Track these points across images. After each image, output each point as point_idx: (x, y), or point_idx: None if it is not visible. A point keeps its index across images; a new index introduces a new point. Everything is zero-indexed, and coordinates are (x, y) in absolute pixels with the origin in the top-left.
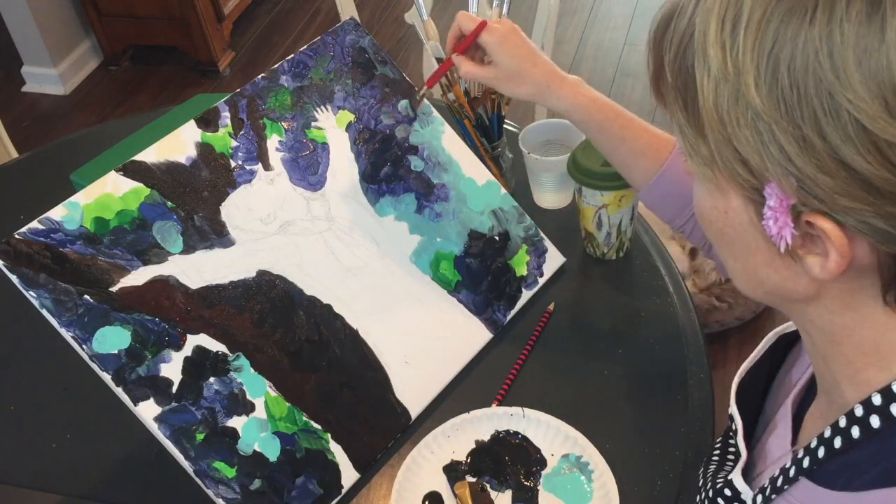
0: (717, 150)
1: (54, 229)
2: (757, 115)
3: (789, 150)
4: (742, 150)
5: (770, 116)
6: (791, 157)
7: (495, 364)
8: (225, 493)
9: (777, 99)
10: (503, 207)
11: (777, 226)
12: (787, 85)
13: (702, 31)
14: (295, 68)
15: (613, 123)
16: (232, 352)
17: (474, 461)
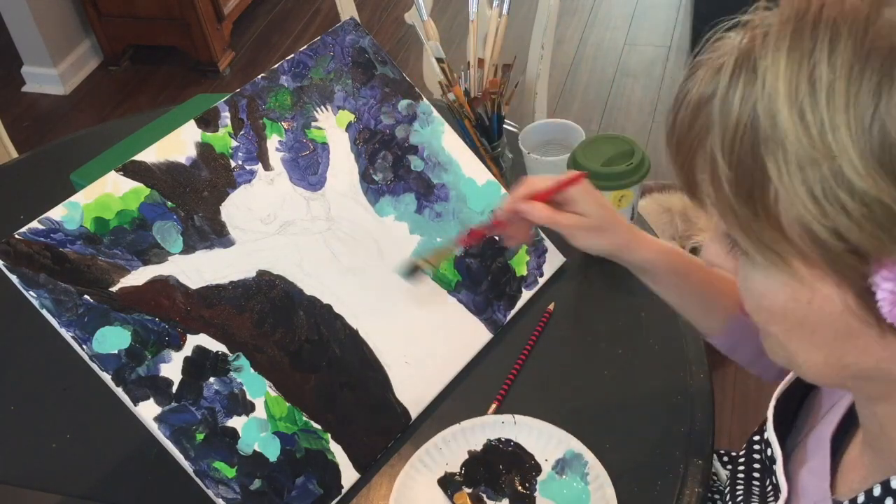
0: (808, 240)
1: (54, 229)
2: (869, 198)
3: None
4: (851, 237)
5: (889, 196)
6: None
7: (495, 364)
8: (225, 493)
9: (894, 176)
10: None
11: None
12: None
13: (767, 107)
14: (295, 68)
15: (692, 270)
16: (232, 352)
17: (468, 472)
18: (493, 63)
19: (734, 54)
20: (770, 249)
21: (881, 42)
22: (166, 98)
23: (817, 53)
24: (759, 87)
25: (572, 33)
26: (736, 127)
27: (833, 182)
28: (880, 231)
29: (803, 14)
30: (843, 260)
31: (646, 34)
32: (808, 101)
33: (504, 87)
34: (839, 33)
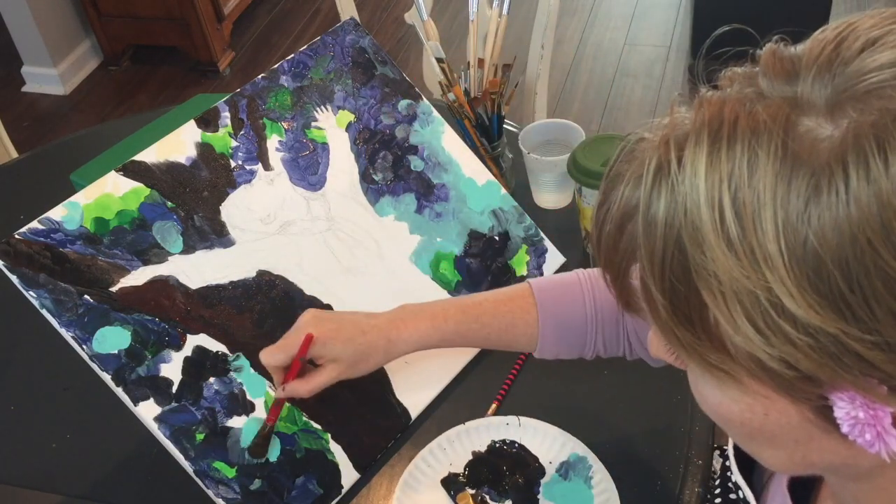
0: (757, 367)
1: (54, 229)
2: (815, 329)
3: (871, 357)
4: (801, 366)
5: (834, 327)
6: (876, 365)
7: (495, 364)
8: (225, 493)
9: (836, 305)
10: (503, 207)
11: (875, 437)
12: (844, 288)
13: (692, 235)
14: (295, 68)
15: (468, 324)
16: (232, 352)
17: (472, 473)
18: (493, 63)
19: (651, 170)
20: (717, 368)
21: (802, 158)
22: (166, 98)
23: (737, 177)
24: (682, 213)
25: (572, 33)
26: (663, 253)
27: (773, 313)
28: (830, 361)
29: (717, 130)
30: (795, 385)
31: (646, 34)
32: (735, 229)
33: (504, 87)
34: (756, 152)
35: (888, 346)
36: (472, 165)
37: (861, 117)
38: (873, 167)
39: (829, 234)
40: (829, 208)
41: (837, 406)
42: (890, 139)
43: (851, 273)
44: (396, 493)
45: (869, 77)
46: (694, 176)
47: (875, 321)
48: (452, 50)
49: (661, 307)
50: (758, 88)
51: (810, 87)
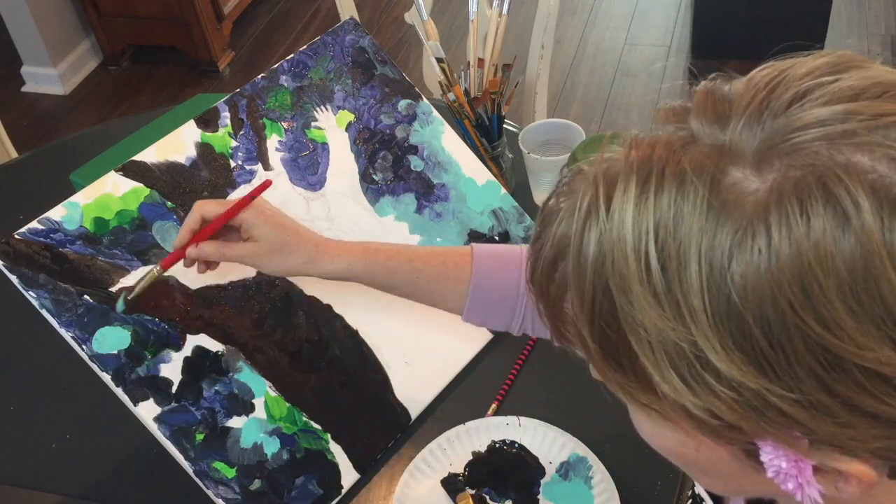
0: (684, 414)
1: (54, 229)
2: (738, 383)
3: (793, 413)
4: (725, 417)
5: (756, 383)
6: (797, 420)
7: (495, 364)
8: (224, 493)
9: (759, 363)
10: (503, 207)
11: (796, 487)
12: (766, 346)
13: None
14: (295, 68)
15: (398, 260)
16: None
17: (472, 473)
18: (493, 63)
19: (583, 211)
20: (649, 408)
21: (727, 211)
22: (166, 98)
23: (663, 227)
24: (610, 262)
25: (572, 33)
26: (593, 298)
27: (698, 366)
28: (754, 414)
29: (646, 175)
30: (721, 433)
31: (646, 34)
32: (661, 282)
33: (504, 87)
34: (684, 201)
35: (810, 403)
36: (472, 165)
37: (787, 172)
38: (795, 228)
39: (751, 292)
40: (751, 265)
41: (763, 451)
42: (812, 201)
43: (773, 333)
44: (396, 493)
45: (795, 135)
46: (621, 224)
47: (797, 380)
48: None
49: (592, 350)
50: (689, 130)
51: (739, 136)
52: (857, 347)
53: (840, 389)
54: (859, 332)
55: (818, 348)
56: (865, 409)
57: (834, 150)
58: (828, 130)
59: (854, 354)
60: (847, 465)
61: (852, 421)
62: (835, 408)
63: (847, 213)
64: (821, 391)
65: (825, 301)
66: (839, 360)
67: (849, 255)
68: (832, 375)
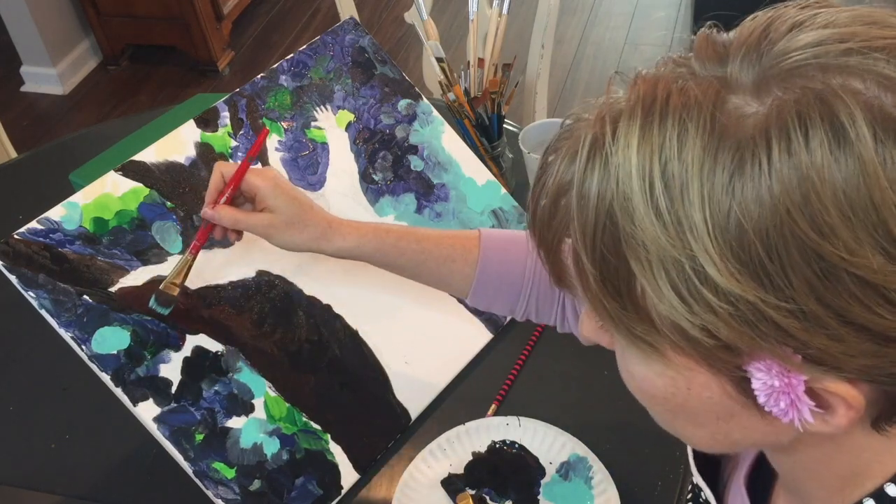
0: (680, 337)
1: (53, 229)
2: (735, 297)
3: (787, 325)
4: (721, 334)
5: (753, 294)
6: (791, 333)
7: (495, 365)
8: (224, 493)
9: (756, 274)
10: (503, 207)
11: (789, 405)
12: (763, 256)
13: (623, 206)
14: (294, 68)
15: (408, 240)
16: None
17: (472, 474)
18: (493, 63)
19: (587, 145)
20: (643, 340)
21: (729, 133)
22: (165, 98)
23: (667, 150)
24: (614, 184)
25: (572, 33)
26: (595, 223)
27: (696, 281)
28: (749, 328)
29: (650, 105)
30: (716, 354)
31: (646, 34)
32: (664, 200)
33: (504, 86)
34: (686, 126)
35: (803, 314)
36: (472, 165)
37: (784, 95)
38: (794, 142)
39: (751, 205)
40: (752, 181)
41: (755, 377)
42: (811, 115)
43: (771, 242)
44: (396, 493)
45: (792, 56)
46: (627, 148)
47: (791, 289)
48: (452, 49)
49: (592, 277)
50: (691, 69)
51: (739, 67)
52: (850, 254)
53: (832, 299)
54: (853, 239)
55: (813, 256)
56: (857, 320)
57: (829, 74)
58: (823, 50)
59: (847, 262)
60: (836, 385)
61: (843, 333)
62: (827, 319)
63: (844, 127)
64: (814, 301)
65: (821, 208)
66: (833, 268)
67: (845, 166)
68: (826, 284)
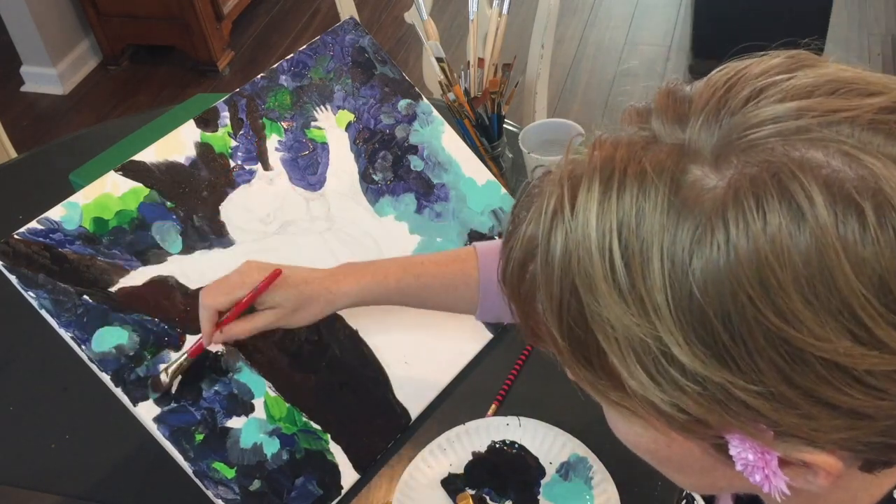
0: (652, 410)
1: (53, 229)
2: (702, 377)
3: (756, 405)
4: (691, 411)
5: (719, 376)
6: (761, 412)
7: (495, 365)
8: (224, 493)
9: (722, 356)
10: (503, 207)
11: (763, 479)
12: (727, 340)
13: (585, 282)
14: (294, 68)
15: (407, 279)
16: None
17: (472, 474)
18: (493, 63)
19: (549, 213)
20: (620, 405)
21: (687, 208)
22: (165, 98)
23: (626, 225)
24: (576, 259)
25: (572, 33)
26: (560, 297)
27: (664, 361)
28: (719, 407)
29: (609, 176)
30: (689, 427)
31: (646, 34)
32: (625, 280)
33: (504, 86)
34: (644, 201)
35: (772, 395)
36: (472, 165)
37: (743, 170)
38: (751, 223)
39: (711, 287)
40: (711, 261)
41: (731, 445)
42: (768, 197)
43: (734, 326)
44: (396, 493)
45: (750, 132)
46: (586, 224)
47: (759, 373)
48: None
49: (563, 349)
50: (650, 131)
51: (697, 135)
52: (815, 339)
53: (801, 381)
54: (817, 323)
55: (778, 341)
56: (826, 399)
57: (789, 146)
58: (782, 127)
59: (813, 346)
60: (812, 456)
61: (814, 412)
62: (797, 399)
63: (801, 209)
64: (783, 383)
65: (783, 294)
66: (799, 352)
67: (804, 249)
68: (793, 367)
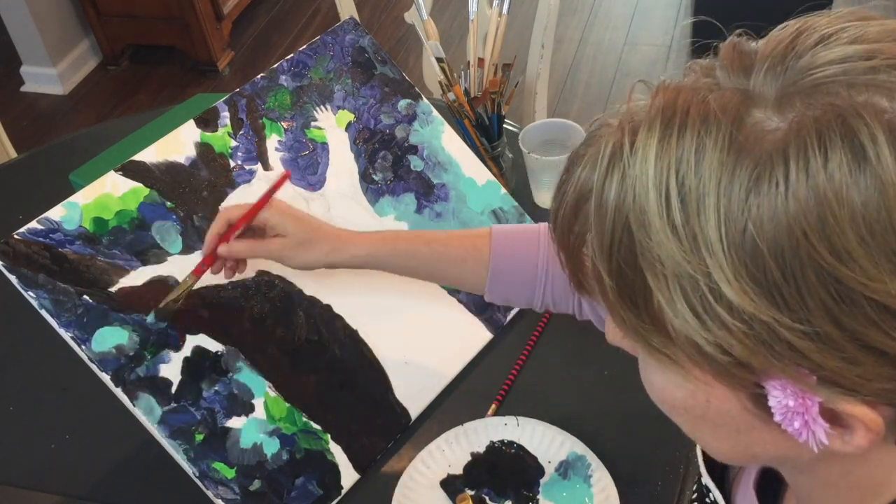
0: (695, 352)
1: (53, 229)
2: (749, 316)
3: (802, 346)
4: (735, 352)
5: (767, 315)
6: (806, 354)
7: (495, 364)
8: (224, 493)
9: (771, 294)
10: (503, 207)
11: (802, 426)
12: (778, 277)
13: (639, 218)
14: (294, 68)
15: (418, 244)
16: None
17: (471, 474)
18: (493, 63)
19: (606, 155)
20: (660, 352)
21: (747, 149)
22: (165, 98)
23: (684, 164)
24: (631, 197)
25: (572, 33)
26: (612, 235)
27: (711, 298)
28: (763, 348)
29: (669, 117)
30: (731, 371)
31: (646, 34)
32: (680, 215)
33: (504, 86)
34: (704, 141)
35: (818, 336)
36: (472, 165)
37: (807, 111)
38: (812, 163)
39: (767, 224)
40: (769, 200)
41: (771, 395)
42: (831, 135)
43: (786, 263)
44: (396, 494)
45: (817, 72)
46: (644, 161)
47: (806, 311)
48: (452, 49)
49: (609, 289)
50: (715, 79)
51: (762, 80)
52: (867, 279)
53: (849, 322)
54: (871, 263)
55: (830, 279)
56: (873, 344)
57: (854, 90)
58: (849, 67)
59: (864, 286)
60: (853, 407)
61: (859, 357)
62: (843, 342)
63: (865, 149)
64: (830, 324)
65: (839, 232)
66: (849, 292)
67: (864, 188)
68: (842, 308)
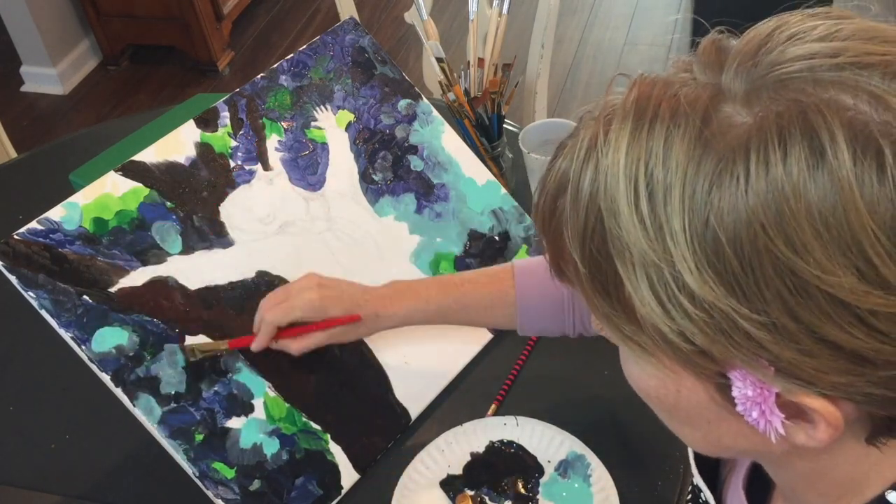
0: (660, 340)
1: (53, 229)
2: (710, 305)
3: (759, 337)
4: (697, 340)
5: (726, 304)
6: (763, 345)
7: (496, 365)
8: (224, 493)
9: (731, 284)
10: (503, 207)
11: (759, 415)
12: (737, 268)
13: (610, 207)
14: (294, 68)
15: (449, 302)
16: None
17: (471, 474)
18: (493, 63)
19: (584, 145)
20: (632, 340)
21: (714, 142)
22: (165, 98)
23: (653, 155)
24: (603, 185)
25: (572, 33)
26: (585, 222)
27: (674, 287)
28: (723, 337)
29: (643, 110)
30: (694, 360)
31: (646, 34)
32: (647, 205)
33: (504, 86)
34: (673, 133)
35: (775, 327)
36: (472, 165)
37: (770, 106)
38: (772, 157)
39: (728, 217)
40: (730, 193)
41: (734, 386)
42: (791, 131)
43: (745, 255)
44: (396, 494)
45: (783, 67)
46: (616, 152)
47: (764, 302)
48: (452, 49)
49: (583, 277)
50: (692, 74)
51: (733, 75)
52: (822, 272)
53: (804, 315)
54: (825, 256)
55: (786, 271)
56: (828, 337)
57: (819, 87)
58: (815, 63)
59: (819, 279)
60: (811, 400)
61: (815, 349)
62: (799, 334)
63: (823, 145)
64: (786, 315)
65: (795, 225)
66: (805, 285)
67: (821, 185)
68: (797, 300)
